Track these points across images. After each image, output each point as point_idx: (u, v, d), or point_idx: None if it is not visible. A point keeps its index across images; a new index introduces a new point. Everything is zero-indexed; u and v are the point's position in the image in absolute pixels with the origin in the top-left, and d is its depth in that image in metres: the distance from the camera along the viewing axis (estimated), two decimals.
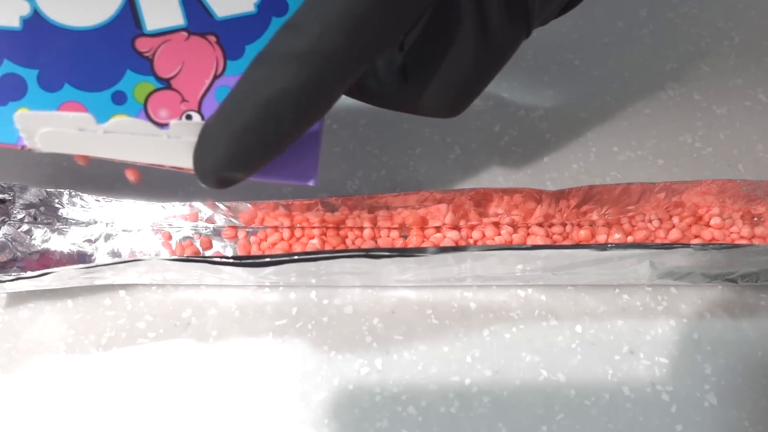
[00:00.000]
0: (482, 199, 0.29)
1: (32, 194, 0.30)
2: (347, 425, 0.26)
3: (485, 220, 0.30)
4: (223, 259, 0.27)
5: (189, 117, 0.21)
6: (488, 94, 0.35)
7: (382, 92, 0.23)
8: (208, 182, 0.20)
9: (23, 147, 0.20)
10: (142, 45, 0.20)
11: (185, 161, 0.21)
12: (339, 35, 0.17)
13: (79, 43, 0.20)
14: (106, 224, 0.30)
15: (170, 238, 0.30)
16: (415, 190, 0.29)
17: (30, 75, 0.20)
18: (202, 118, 0.20)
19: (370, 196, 0.29)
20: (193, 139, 0.20)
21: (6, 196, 0.30)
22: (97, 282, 0.28)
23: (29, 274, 0.27)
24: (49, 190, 0.30)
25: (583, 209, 0.29)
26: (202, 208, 0.30)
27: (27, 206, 0.30)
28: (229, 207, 0.29)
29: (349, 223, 0.30)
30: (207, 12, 0.20)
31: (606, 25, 0.38)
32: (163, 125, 0.20)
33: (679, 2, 0.39)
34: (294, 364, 0.28)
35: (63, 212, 0.30)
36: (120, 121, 0.20)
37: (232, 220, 0.30)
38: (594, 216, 0.29)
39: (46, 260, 0.30)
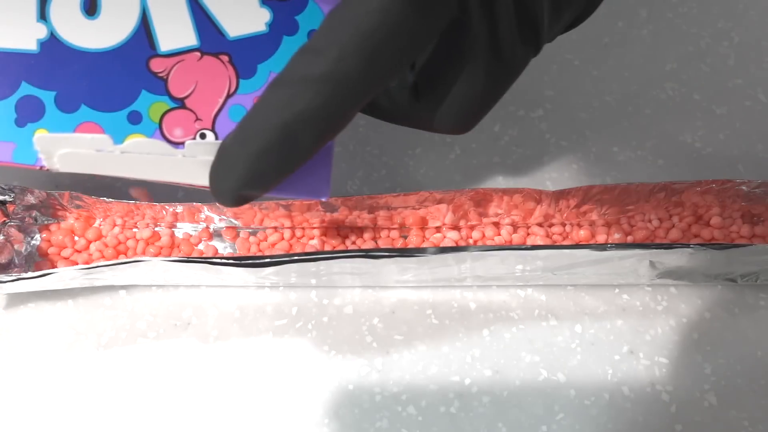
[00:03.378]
0: (482, 199, 0.29)
1: (33, 195, 0.30)
2: (347, 425, 0.26)
3: (485, 220, 0.30)
4: (223, 260, 0.27)
5: (203, 136, 0.21)
6: None
7: (393, 110, 0.23)
8: (225, 201, 0.20)
9: (42, 168, 0.21)
10: (157, 65, 0.21)
11: (200, 179, 0.21)
12: (356, 59, 0.18)
13: (95, 65, 0.21)
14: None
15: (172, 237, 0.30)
16: (415, 190, 0.29)
17: (47, 97, 0.21)
18: (216, 136, 0.21)
19: (370, 196, 0.29)
20: (208, 158, 0.20)
21: (7, 198, 0.30)
22: (98, 283, 0.28)
23: (30, 274, 0.27)
24: (49, 191, 0.30)
25: (583, 209, 0.29)
26: (202, 209, 0.30)
27: (27, 207, 0.30)
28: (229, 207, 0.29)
29: (349, 223, 0.30)
30: (219, 32, 0.21)
31: (606, 25, 0.38)
32: (178, 144, 0.21)
33: (679, 2, 0.39)
34: (294, 364, 0.28)
35: (63, 213, 0.30)
36: (137, 141, 0.20)
37: (232, 220, 0.30)
38: (594, 216, 0.29)
39: (46, 262, 0.30)
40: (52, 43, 0.20)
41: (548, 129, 0.34)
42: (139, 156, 0.21)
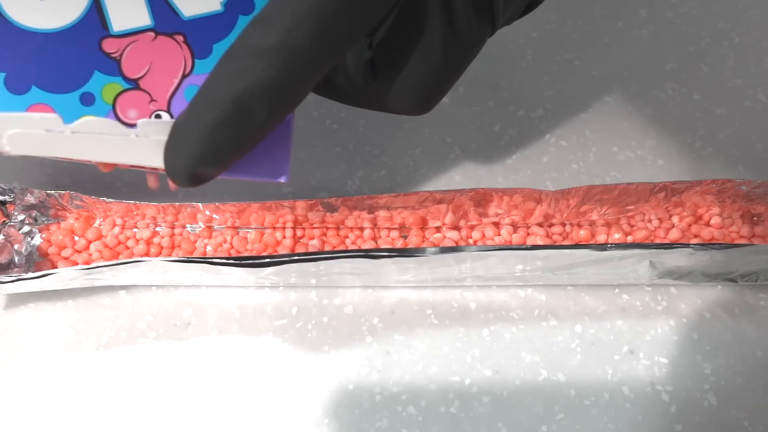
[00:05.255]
0: (482, 199, 0.29)
1: (33, 195, 0.30)
2: (347, 425, 0.26)
3: (485, 220, 0.30)
4: (223, 260, 0.27)
5: (158, 116, 0.21)
6: (488, 94, 0.35)
7: (350, 89, 0.23)
8: (180, 180, 0.20)
9: None
10: (109, 46, 0.20)
11: (155, 160, 0.21)
12: (308, 30, 0.18)
13: (46, 45, 0.20)
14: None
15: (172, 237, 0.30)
16: (415, 190, 0.29)
17: None
18: (172, 117, 0.20)
19: (370, 196, 0.29)
20: (162, 137, 0.20)
21: (7, 198, 0.30)
22: (98, 283, 0.28)
23: (30, 275, 0.27)
24: (49, 191, 0.30)
25: (583, 209, 0.29)
26: (202, 209, 0.30)
27: (27, 208, 0.30)
28: (228, 207, 0.29)
29: (349, 223, 0.30)
30: (174, 12, 0.20)
31: (606, 25, 0.38)
32: (131, 125, 0.20)
33: (679, 2, 0.39)
34: (294, 364, 0.28)
35: (63, 213, 0.30)
36: (87, 121, 0.20)
37: (232, 220, 0.30)
38: (594, 216, 0.29)
39: (46, 262, 0.30)
40: (0, 23, 0.20)
41: (548, 129, 0.34)
42: (90, 136, 0.20)
